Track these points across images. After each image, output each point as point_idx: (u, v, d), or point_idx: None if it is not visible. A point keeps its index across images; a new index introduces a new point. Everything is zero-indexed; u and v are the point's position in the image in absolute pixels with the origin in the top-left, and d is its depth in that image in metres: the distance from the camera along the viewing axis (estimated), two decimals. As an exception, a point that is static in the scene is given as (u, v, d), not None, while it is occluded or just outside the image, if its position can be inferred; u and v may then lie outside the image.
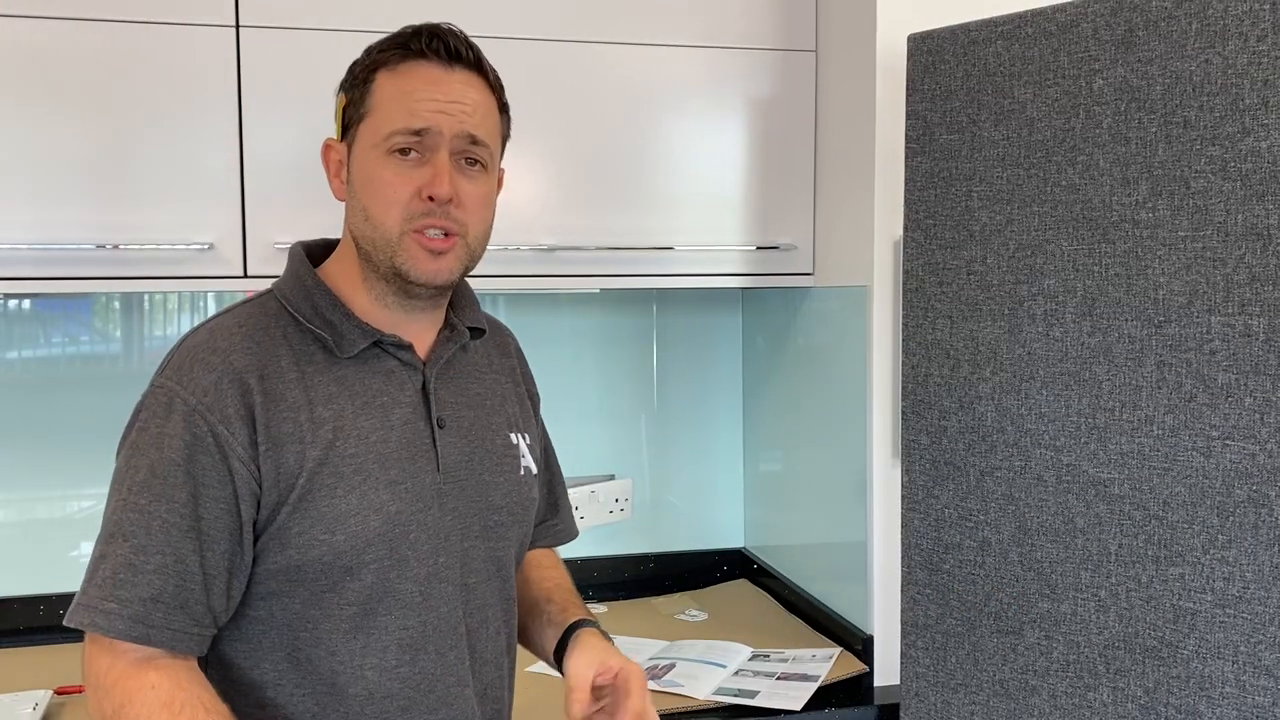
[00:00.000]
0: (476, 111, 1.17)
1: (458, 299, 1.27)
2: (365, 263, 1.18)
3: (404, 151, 1.13)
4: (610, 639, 1.28)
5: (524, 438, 1.31)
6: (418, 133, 1.13)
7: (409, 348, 1.20)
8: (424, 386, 1.20)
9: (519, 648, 1.34)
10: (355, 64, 1.20)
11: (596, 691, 1.22)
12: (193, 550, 1.08)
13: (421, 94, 1.14)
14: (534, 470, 1.32)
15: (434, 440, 1.19)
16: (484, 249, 1.22)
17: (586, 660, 1.23)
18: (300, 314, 1.17)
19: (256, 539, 1.12)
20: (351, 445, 1.13)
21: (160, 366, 1.16)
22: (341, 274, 1.20)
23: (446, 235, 1.15)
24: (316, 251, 1.24)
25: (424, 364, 1.21)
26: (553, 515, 1.44)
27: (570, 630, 1.27)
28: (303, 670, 1.14)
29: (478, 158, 1.18)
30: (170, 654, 1.08)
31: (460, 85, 1.16)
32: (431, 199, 1.13)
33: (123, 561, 1.07)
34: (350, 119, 1.17)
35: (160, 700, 1.04)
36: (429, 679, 1.18)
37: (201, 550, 1.08)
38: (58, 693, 1.70)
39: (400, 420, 1.17)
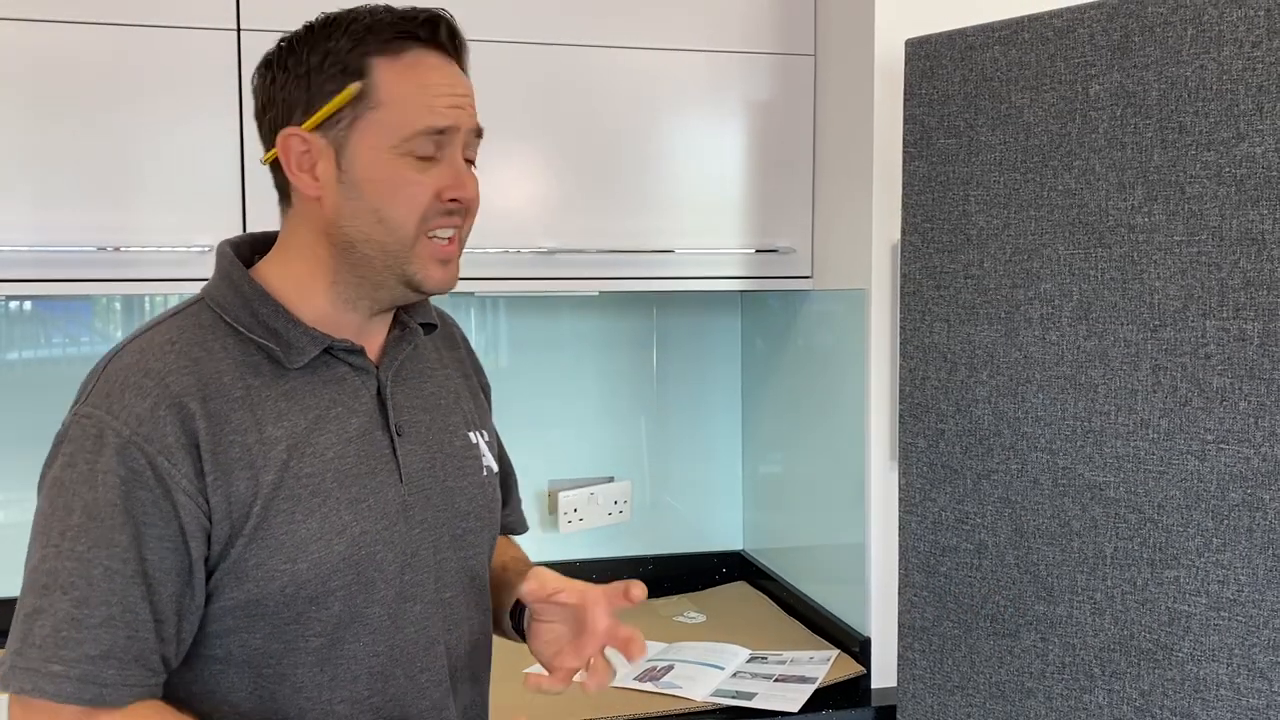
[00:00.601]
0: (474, 104, 1.11)
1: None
2: (353, 267, 1.08)
3: (423, 156, 1.06)
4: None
5: (482, 435, 1.24)
6: (441, 131, 1.06)
7: (360, 352, 1.11)
8: (379, 392, 1.12)
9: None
10: (333, 38, 1.06)
11: (549, 623, 1.19)
12: (141, 597, 0.98)
13: (439, 89, 1.06)
14: (494, 469, 1.25)
15: (394, 450, 1.11)
16: None
17: (541, 579, 1.19)
18: (239, 323, 1.06)
19: (209, 576, 1.03)
20: (308, 465, 1.04)
21: (82, 391, 1.04)
22: (286, 276, 1.09)
23: (451, 243, 1.09)
24: (244, 251, 1.13)
25: (376, 368, 1.13)
26: (506, 506, 1.34)
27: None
28: (267, 708, 1.05)
29: (473, 155, 1.12)
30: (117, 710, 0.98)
31: (459, 76, 1.10)
32: (454, 200, 1.07)
33: (64, 617, 0.95)
34: (343, 113, 1.05)
35: None
36: (401, 706, 1.10)
37: (150, 596, 0.98)
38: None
39: (357, 432, 1.09)
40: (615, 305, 2.32)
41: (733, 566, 2.39)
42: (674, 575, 2.35)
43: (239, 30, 1.73)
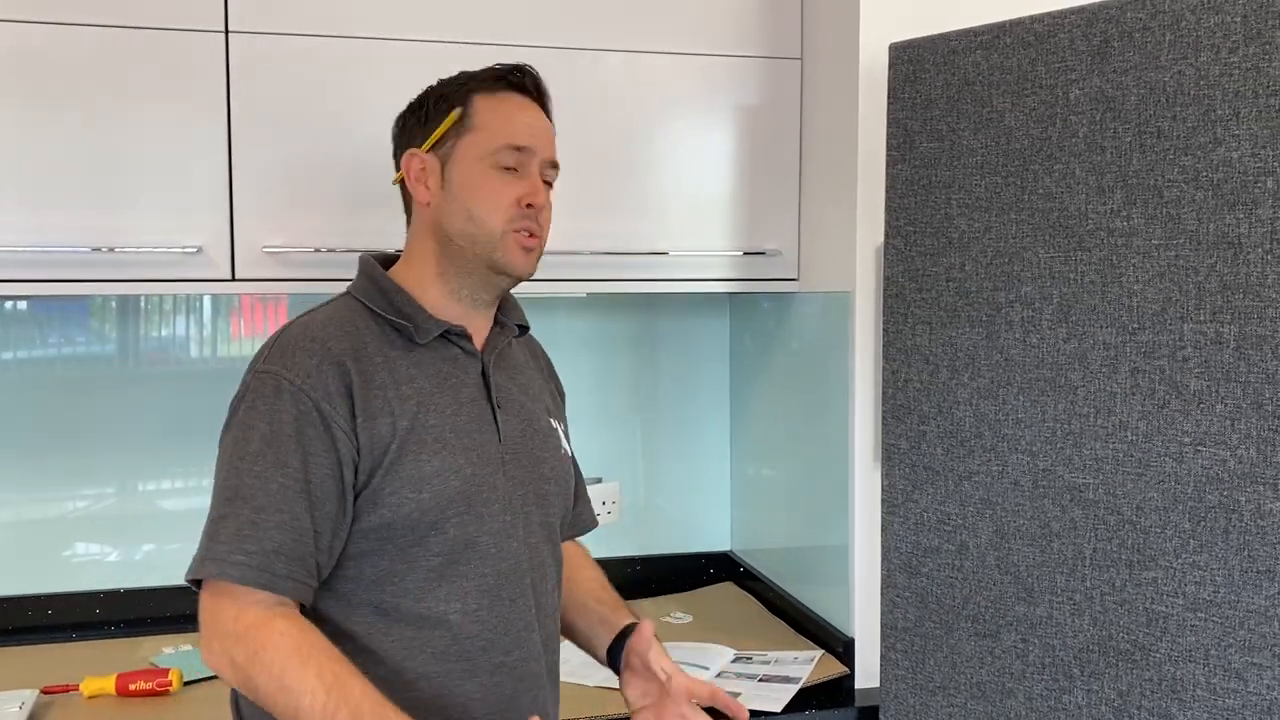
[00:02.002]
0: (553, 142, 1.40)
1: (505, 303, 1.45)
2: (451, 259, 1.35)
3: (507, 168, 1.33)
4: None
5: (560, 425, 1.50)
6: (520, 149, 1.34)
7: (469, 338, 1.37)
8: (483, 372, 1.37)
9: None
10: (445, 89, 1.37)
11: (645, 680, 1.41)
12: (305, 510, 1.21)
13: (520, 118, 1.36)
14: (570, 454, 1.51)
15: (495, 417, 1.36)
16: None
17: (647, 640, 1.41)
18: (379, 309, 1.33)
19: (355, 500, 1.26)
20: (432, 418, 1.30)
21: (257, 358, 1.29)
22: (409, 275, 1.37)
23: (532, 235, 1.35)
24: (380, 260, 1.41)
25: (481, 353, 1.38)
26: (577, 503, 1.57)
27: (624, 632, 1.45)
28: (390, 619, 1.27)
29: (552, 180, 1.40)
30: (286, 604, 1.20)
31: (543, 118, 1.39)
32: (530, 206, 1.34)
33: (246, 520, 1.19)
34: (448, 134, 1.34)
35: (290, 646, 1.16)
36: (504, 622, 1.32)
37: (312, 510, 1.22)
38: (44, 692, 1.71)
39: (468, 399, 1.34)
40: (605, 306, 2.32)
41: (721, 567, 2.40)
42: (662, 576, 2.36)
43: (227, 32, 1.73)
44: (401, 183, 1.39)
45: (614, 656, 1.45)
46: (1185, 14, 1.26)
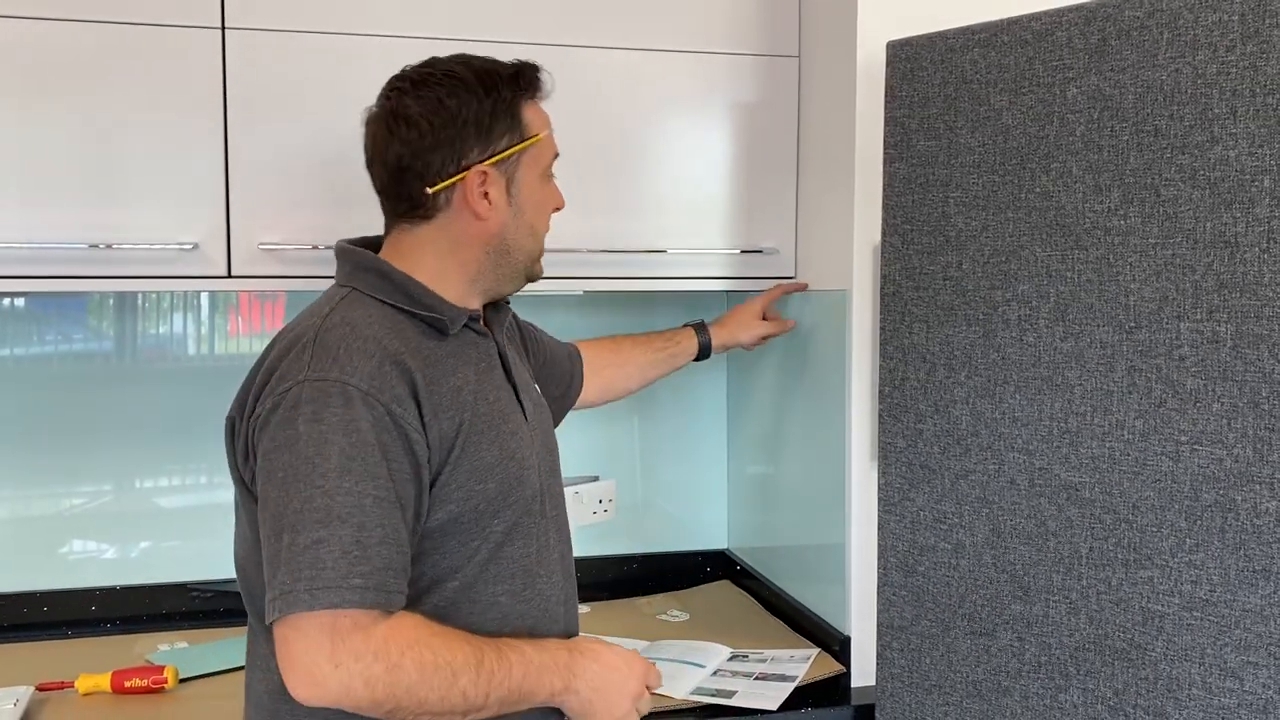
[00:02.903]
0: None
1: None
2: (497, 267, 1.36)
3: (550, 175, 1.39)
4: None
5: (537, 387, 1.53)
6: (556, 156, 1.40)
7: (479, 320, 1.38)
8: (500, 354, 1.39)
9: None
10: (496, 95, 1.31)
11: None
12: (399, 520, 1.18)
13: (548, 124, 1.39)
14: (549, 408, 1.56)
15: (518, 397, 1.39)
16: None
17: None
18: (401, 303, 1.29)
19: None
20: (484, 407, 1.30)
21: (296, 366, 1.20)
22: (417, 270, 1.32)
23: None
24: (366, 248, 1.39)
25: (492, 334, 1.40)
26: (568, 369, 1.78)
27: (697, 327, 1.93)
28: (443, 614, 1.26)
29: None
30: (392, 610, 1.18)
31: None
32: (555, 210, 1.42)
33: (350, 540, 1.14)
34: (508, 147, 1.32)
35: (428, 631, 1.18)
36: (545, 599, 1.35)
37: (404, 519, 1.20)
38: (39, 689, 1.71)
39: (499, 383, 1.36)
40: (603, 304, 2.32)
41: (717, 565, 2.40)
42: (658, 574, 2.36)
43: (224, 29, 1.73)
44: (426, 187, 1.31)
45: (704, 345, 1.91)
46: (1183, 12, 1.26)
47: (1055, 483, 1.41)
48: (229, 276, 1.75)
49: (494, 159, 1.31)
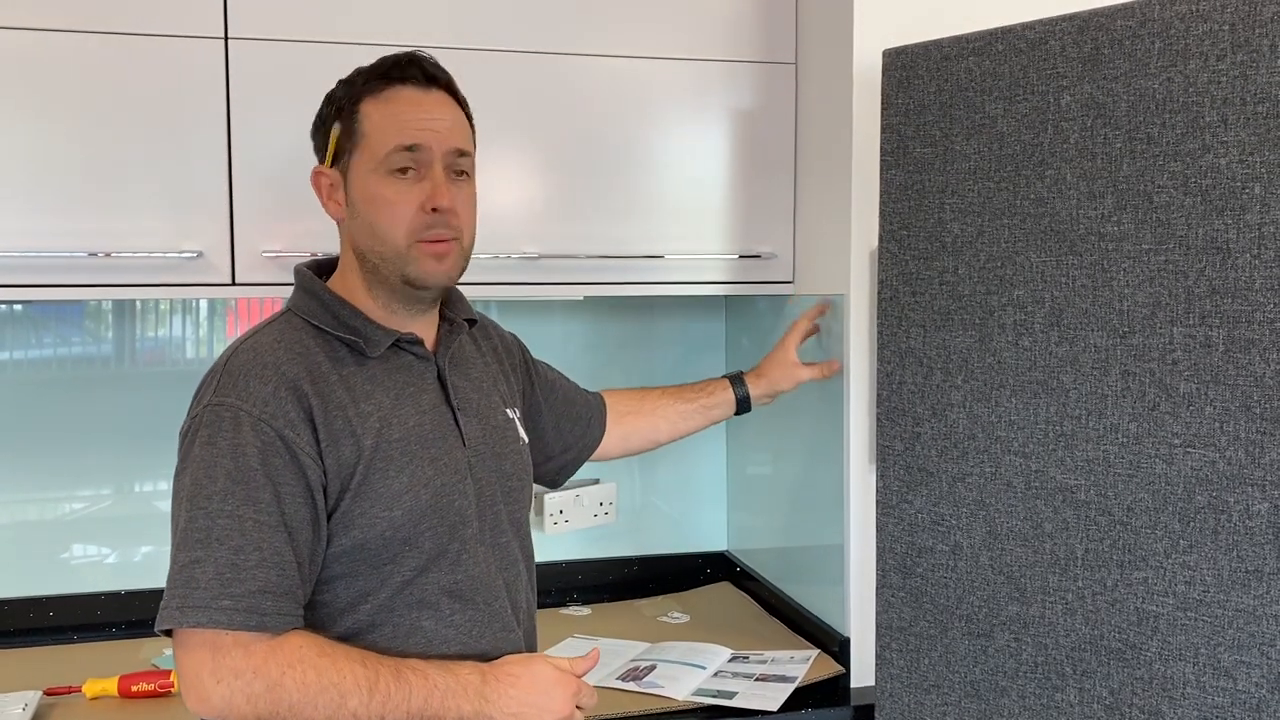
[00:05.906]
0: (456, 126, 1.32)
1: (449, 298, 1.42)
2: (371, 274, 1.31)
3: (402, 170, 1.27)
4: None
5: (515, 412, 1.49)
6: (410, 149, 1.27)
7: (421, 343, 1.34)
8: (440, 376, 1.36)
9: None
10: (336, 96, 1.32)
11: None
12: (284, 542, 1.19)
13: (408, 115, 1.28)
14: (526, 440, 1.49)
15: (456, 421, 1.35)
16: (473, 248, 1.36)
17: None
18: (325, 325, 1.29)
19: (327, 524, 1.25)
20: (396, 432, 1.27)
21: (205, 388, 1.25)
22: (344, 286, 1.34)
23: (441, 241, 1.29)
24: (316, 271, 1.37)
25: (435, 356, 1.36)
26: (582, 412, 1.74)
27: (733, 379, 1.86)
28: (360, 637, 1.26)
29: (463, 168, 1.33)
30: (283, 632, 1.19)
31: (439, 105, 1.31)
32: (435, 210, 1.28)
33: (225, 563, 1.16)
34: (343, 147, 1.30)
35: (314, 651, 1.18)
36: (479, 626, 1.32)
37: (291, 541, 1.20)
38: (47, 693, 1.72)
39: (429, 406, 1.32)
40: (604, 308, 2.34)
41: (717, 567, 2.41)
42: (659, 576, 2.38)
43: (226, 39, 1.74)
44: None
45: (739, 386, 1.83)
46: (1174, 22, 1.28)
47: (1051, 485, 1.43)
48: (233, 284, 1.77)
49: (329, 160, 1.32)
